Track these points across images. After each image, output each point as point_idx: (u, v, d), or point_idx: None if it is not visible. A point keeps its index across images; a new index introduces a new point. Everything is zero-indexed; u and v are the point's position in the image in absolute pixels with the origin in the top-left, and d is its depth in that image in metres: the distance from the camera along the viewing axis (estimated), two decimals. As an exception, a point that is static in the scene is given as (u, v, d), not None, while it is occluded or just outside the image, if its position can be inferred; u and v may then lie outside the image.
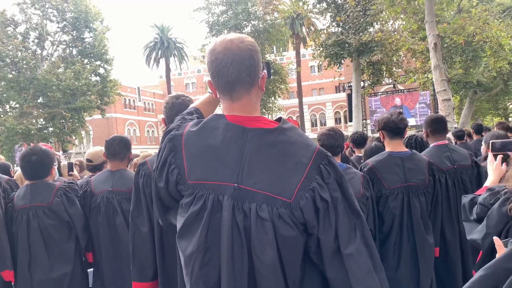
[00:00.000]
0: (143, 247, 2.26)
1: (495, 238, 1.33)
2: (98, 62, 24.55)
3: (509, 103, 24.67)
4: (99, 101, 24.30)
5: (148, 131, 49.42)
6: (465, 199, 2.22)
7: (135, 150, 4.85)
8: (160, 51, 41.48)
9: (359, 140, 5.18)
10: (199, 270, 1.21)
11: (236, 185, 1.21)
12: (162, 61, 41.86)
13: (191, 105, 1.62)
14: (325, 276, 1.23)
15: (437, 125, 3.43)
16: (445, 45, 14.38)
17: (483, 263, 1.83)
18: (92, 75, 24.03)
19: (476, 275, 1.16)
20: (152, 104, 50.47)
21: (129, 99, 45.97)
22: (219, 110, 1.46)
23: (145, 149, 27.39)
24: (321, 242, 1.20)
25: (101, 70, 24.64)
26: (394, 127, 2.96)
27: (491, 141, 3.03)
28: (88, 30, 24.04)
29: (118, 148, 3.10)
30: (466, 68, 14.97)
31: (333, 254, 1.20)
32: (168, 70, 40.97)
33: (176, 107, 2.22)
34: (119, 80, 25.93)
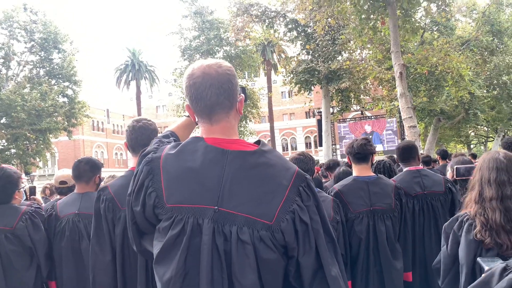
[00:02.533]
0: (104, 277, 2.15)
1: None
2: (66, 83, 23.97)
3: (471, 131, 25.90)
4: (66, 122, 23.62)
5: (116, 153, 48.27)
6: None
7: (102, 173, 4.70)
8: (131, 74, 41.13)
9: (334, 166, 5.31)
10: None
11: (216, 207, 1.19)
12: (133, 83, 41.44)
13: (167, 129, 1.62)
14: None
15: (404, 153, 3.49)
16: (410, 74, 15.03)
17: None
18: (60, 96, 23.40)
19: None
20: (121, 126, 49.53)
21: (97, 121, 45.00)
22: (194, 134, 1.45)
23: (113, 172, 26.51)
24: (301, 265, 1.19)
25: (69, 92, 24.06)
26: (354, 153, 3.02)
27: (455, 167, 3.20)
28: (57, 51, 23.54)
29: (83, 170, 3.00)
30: (430, 97, 15.68)
31: (313, 277, 1.20)
32: (138, 92, 40.49)
33: (136, 131, 2.24)
34: (88, 102, 25.40)
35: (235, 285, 1.16)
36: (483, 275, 1.04)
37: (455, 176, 3.31)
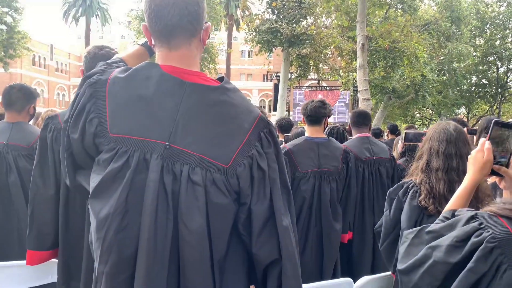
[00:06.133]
0: (44, 212, 1.98)
1: (482, 139, 1.28)
2: (5, 9, 21.62)
3: (417, 112, 27.13)
4: (2, 52, 21.49)
5: (58, 93, 45.28)
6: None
7: (41, 111, 4.27)
8: (81, 9, 37.82)
9: (286, 125, 5.21)
10: (114, 235, 1.05)
11: (167, 143, 1.08)
12: (82, 20, 38.23)
13: (116, 55, 1.45)
14: (248, 254, 1.17)
15: (359, 118, 3.65)
16: (370, 48, 15.17)
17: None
18: (-3, 22, 21.12)
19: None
20: (66, 65, 46.26)
21: (39, 56, 41.54)
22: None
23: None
24: (253, 213, 1.13)
25: (8, 19, 21.75)
26: (307, 114, 3.06)
27: (405, 131, 3.49)
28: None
29: (15, 97, 2.69)
30: (386, 73, 16.00)
31: (263, 226, 1.14)
32: (88, 30, 37.62)
33: (98, 58, 1.99)
34: (29, 33, 23.18)
35: (180, 228, 1.07)
36: (451, 219, 1.05)
37: (403, 141, 3.55)
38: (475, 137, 3.16)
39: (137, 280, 1.05)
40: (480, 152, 1.24)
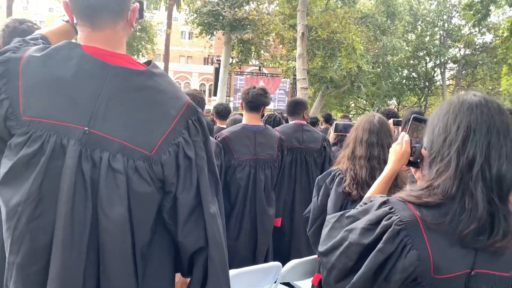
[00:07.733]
0: None
1: (402, 133, 1.38)
2: None
3: (352, 102, 28.36)
4: None
5: (-24, 68, 41.15)
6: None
7: None
8: (3, -25, 34.42)
9: (223, 112, 5.20)
10: (26, 224, 1.01)
11: (86, 129, 1.04)
12: (6, -13, 34.83)
13: (37, 31, 1.38)
14: (174, 241, 1.15)
15: (290, 107, 3.76)
16: (310, 37, 15.44)
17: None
18: None
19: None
20: (-15, 37, 42.06)
21: (-47, 25, 37.24)
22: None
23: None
24: (179, 201, 1.11)
25: None
26: (247, 100, 3.03)
27: (335, 122, 3.55)
28: None
29: None
30: (324, 63, 16.43)
31: (189, 214, 1.12)
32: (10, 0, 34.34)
33: (18, 33, 1.87)
34: None
35: (100, 217, 1.03)
36: (365, 205, 1.12)
37: (333, 132, 3.64)
38: (400, 128, 3.32)
39: (52, 269, 1.01)
40: (399, 145, 1.36)
